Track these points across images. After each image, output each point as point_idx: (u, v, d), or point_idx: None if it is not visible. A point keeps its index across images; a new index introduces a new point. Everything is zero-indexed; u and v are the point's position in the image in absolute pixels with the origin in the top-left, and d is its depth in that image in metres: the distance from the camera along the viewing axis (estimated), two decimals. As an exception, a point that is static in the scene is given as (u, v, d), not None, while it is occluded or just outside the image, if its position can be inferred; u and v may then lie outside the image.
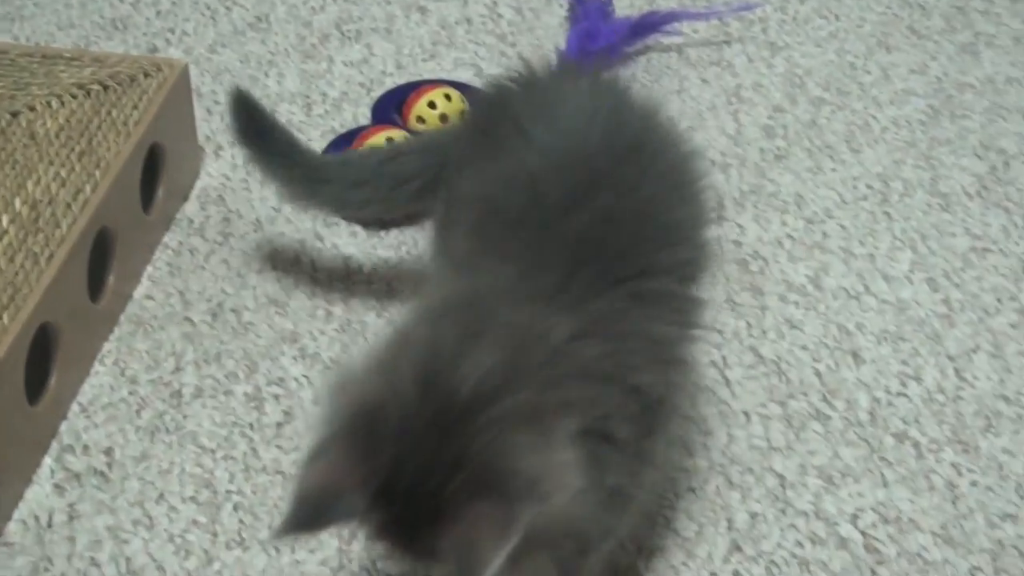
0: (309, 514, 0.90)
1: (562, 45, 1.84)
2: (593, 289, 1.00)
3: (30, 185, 1.37)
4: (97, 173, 1.42)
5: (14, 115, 1.44)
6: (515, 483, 0.88)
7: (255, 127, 1.38)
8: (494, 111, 1.21)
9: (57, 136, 1.43)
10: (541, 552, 0.96)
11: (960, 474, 1.32)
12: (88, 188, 1.40)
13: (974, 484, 1.31)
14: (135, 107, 1.50)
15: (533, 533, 0.88)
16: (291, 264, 1.54)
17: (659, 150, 1.13)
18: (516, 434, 0.90)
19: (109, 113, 1.48)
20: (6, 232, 1.31)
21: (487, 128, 1.19)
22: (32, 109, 1.45)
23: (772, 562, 1.24)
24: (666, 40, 1.90)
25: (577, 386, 0.95)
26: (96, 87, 1.49)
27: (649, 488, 1.10)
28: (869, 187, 1.67)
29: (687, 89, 1.82)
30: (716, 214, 1.23)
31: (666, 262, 1.07)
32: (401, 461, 0.90)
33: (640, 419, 1.01)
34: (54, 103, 1.46)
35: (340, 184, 1.38)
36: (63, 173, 1.40)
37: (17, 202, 1.35)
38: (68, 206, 1.37)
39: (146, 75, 1.54)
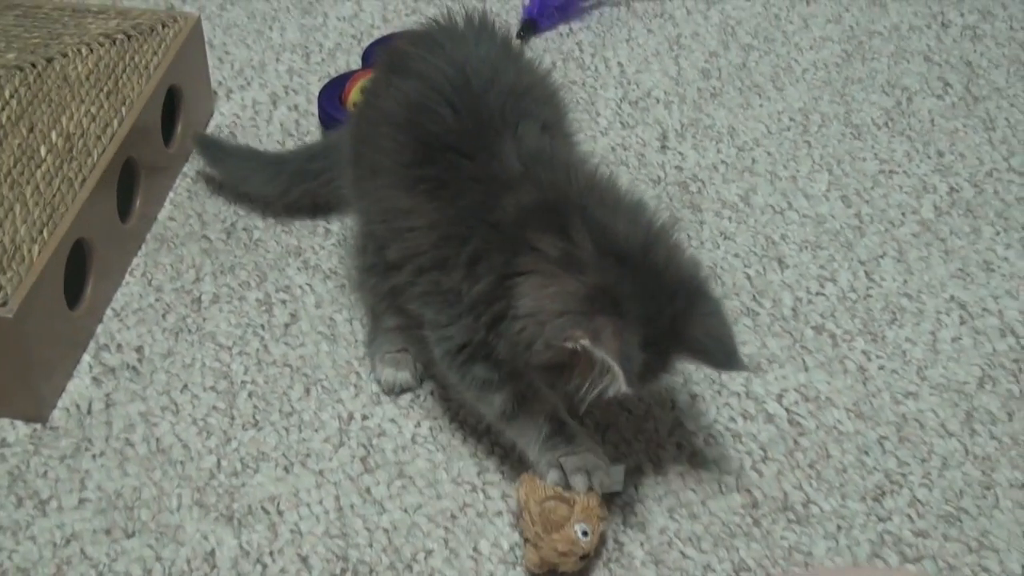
0: (635, 363, 1.00)
1: (525, 1, 1.81)
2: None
3: (64, 120, 1.34)
4: (123, 110, 1.40)
5: (49, 60, 1.41)
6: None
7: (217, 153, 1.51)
8: (414, 47, 1.24)
9: (87, 79, 1.40)
10: None
11: (870, 359, 1.32)
12: (115, 123, 1.38)
13: (881, 368, 1.31)
14: (155, 53, 1.48)
15: None
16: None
17: (535, 72, 1.27)
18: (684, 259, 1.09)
19: (132, 59, 1.45)
20: (44, 160, 1.29)
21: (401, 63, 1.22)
22: (65, 55, 1.42)
23: (709, 435, 1.24)
24: (616, -5, 1.88)
25: None
26: (121, 36, 1.46)
27: None
28: (792, 120, 1.66)
29: (635, 38, 1.80)
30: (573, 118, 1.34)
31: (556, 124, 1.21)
32: (648, 318, 1.03)
33: None
34: (84, 50, 1.43)
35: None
36: (93, 110, 1.37)
37: (53, 135, 1.32)
38: (98, 138, 1.35)
39: (164, 26, 1.51)
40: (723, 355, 1.07)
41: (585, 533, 1.08)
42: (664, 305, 1.04)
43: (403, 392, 1.27)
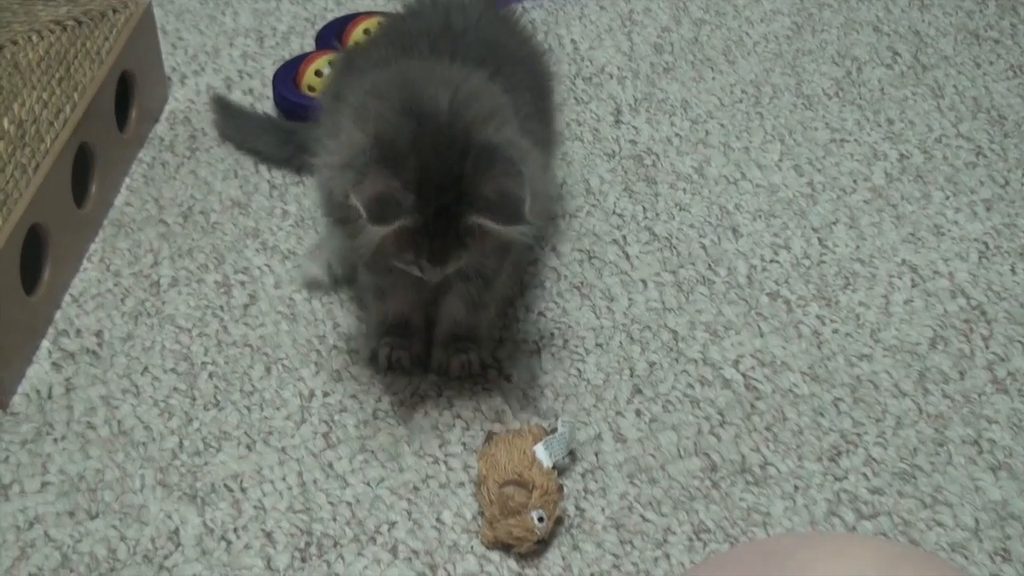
0: (381, 210, 1.03)
1: (479, -20, 1.81)
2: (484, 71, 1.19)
3: (16, 107, 1.33)
4: (75, 96, 1.39)
5: (-1, 48, 1.40)
6: (514, 155, 1.10)
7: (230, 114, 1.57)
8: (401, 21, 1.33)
9: (38, 65, 1.39)
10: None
11: (824, 324, 1.34)
12: (68, 109, 1.38)
13: (835, 331, 1.33)
14: (106, 39, 1.47)
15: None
16: (251, 172, 1.52)
17: (511, 23, 1.36)
18: (495, 133, 1.10)
19: (84, 44, 1.45)
20: (-3, 147, 1.29)
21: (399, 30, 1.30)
22: (15, 43, 1.41)
23: (668, 401, 1.25)
24: (568, -27, 1.89)
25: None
26: (71, 22, 1.46)
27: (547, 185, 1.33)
28: (744, 92, 1.67)
29: (587, 15, 1.81)
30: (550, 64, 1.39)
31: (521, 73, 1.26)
32: (426, 167, 1.06)
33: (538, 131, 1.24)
34: (34, 37, 1.42)
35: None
36: (45, 96, 1.37)
37: (5, 122, 1.31)
38: (51, 124, 1.35)
39: (114, 11, 1.50)
40: (508, 213, 1.07)
41: (541, 519, 1.09)
42: (452, 163, 1.07)
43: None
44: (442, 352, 1.26)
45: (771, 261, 1.41)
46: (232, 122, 1.56)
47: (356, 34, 1.64)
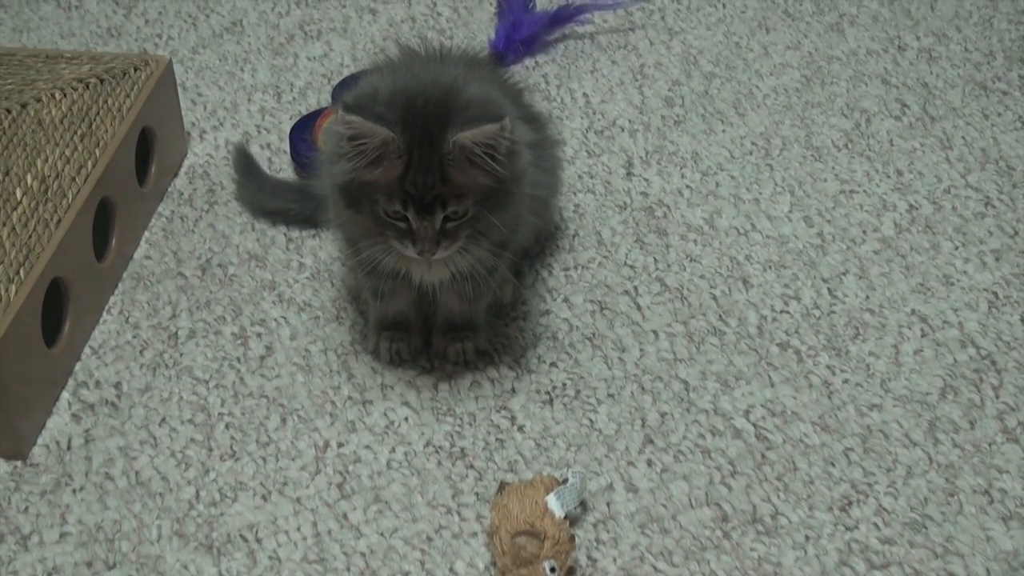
0: (362, 103, 1.13)
1: (492, 36, 1.85)
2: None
3: (39, 163, 1.37)
4: (97, 152, 1.42)
5: (23, 106, 1.43)
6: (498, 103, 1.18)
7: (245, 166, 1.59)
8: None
9: (61, 122, 1.43)
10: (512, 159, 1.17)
11: (834, 374, 1.35)
12: (89, 164, 1.41)
13: (846, 381, 1.34)
14: (127, 96, 1.51)
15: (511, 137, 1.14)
16: (268, 226, 1.54)
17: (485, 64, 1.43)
18: (478, 88, 1.18)
19: (106, 102, 1.48)
20: (20, 203, 1.31)
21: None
22: (39, 100, 1.45)
23: (679, 452, 1.26)
24: (580, 29, 1.91)
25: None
26: (94, 80, 1.49)
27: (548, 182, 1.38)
28: (754, 144, 1.69)
29: (599, 69, 1.84)
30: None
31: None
32: (410, 103, 1.14)
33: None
34: (58, 95, 1.46)
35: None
36: (67, 153, 1.40)
37: (29, 178, 1.35)
38: (73, 180, 1.38)
39: (136, 69, 1.54)
40: (489, 114, 1.13)
41: (553, 569, 1.10)
42: (436, 102, 1.14)
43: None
44: (441, 339, 1.35)
45: (781, 312, 1.42)
46: (252, 176, 1.57)
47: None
